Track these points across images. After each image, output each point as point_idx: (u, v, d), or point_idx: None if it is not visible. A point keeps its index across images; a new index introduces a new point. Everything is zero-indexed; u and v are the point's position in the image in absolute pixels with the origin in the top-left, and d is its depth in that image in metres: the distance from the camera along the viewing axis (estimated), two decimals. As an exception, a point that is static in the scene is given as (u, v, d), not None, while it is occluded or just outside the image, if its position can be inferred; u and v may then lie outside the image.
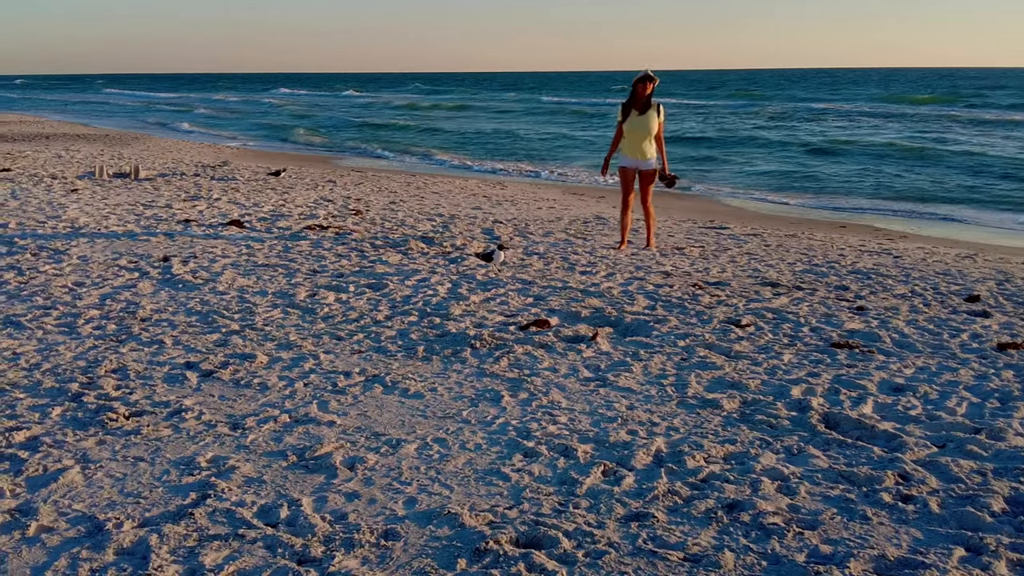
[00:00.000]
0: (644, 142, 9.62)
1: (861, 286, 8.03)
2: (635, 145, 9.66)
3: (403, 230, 10.78)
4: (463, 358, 5.79)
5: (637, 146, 9.65)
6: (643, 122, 9.59)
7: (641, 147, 9.64)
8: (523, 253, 9.41)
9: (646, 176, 9.77)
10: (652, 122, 9.59)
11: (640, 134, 9.60)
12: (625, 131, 9.70)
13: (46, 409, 4.86)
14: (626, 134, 9.70)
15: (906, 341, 6.21)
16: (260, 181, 16.03)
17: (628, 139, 9.70)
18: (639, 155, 9.68)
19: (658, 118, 9.62)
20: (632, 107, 9.65)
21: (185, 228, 10.50)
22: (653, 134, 9.63)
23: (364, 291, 7.57)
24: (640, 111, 9.60)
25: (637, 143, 9.64)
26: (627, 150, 9.75)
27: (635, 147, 9.66)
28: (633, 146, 9.67)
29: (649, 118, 9.59)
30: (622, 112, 9.76)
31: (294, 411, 4.84)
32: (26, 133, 29.17)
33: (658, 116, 9.62)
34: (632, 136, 9.65)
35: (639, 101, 9.59)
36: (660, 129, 9.69)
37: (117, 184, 14.90)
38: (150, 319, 6.63)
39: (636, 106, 9.61)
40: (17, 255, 8.79)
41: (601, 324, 6.63)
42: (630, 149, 9.71)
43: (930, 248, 10.95)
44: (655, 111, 9.61)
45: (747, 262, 9.20)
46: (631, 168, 9.78)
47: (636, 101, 9.60)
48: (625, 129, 9.70)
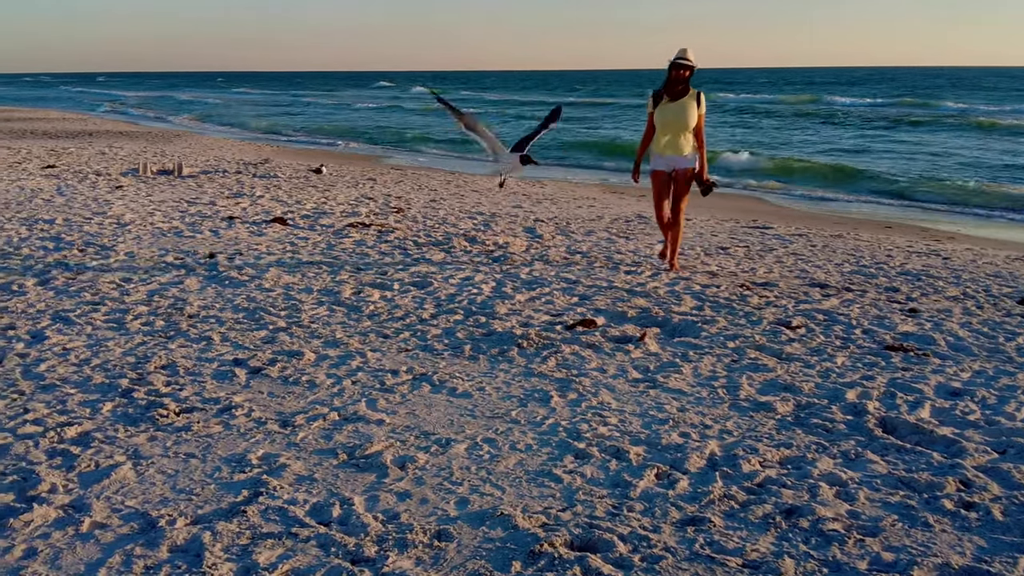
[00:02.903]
0: (680, 136, 8.17)
1: (912, 288, 7.91)
2: (668, 140, 8.22)
3: (445, 228, 10.77)
4: (510, 357, 5.75)
5: (671, 141, 8.20)
6: (678, 112, 8.14)
7: (676, 142, 8.19)
8: (566, 252, 9.35)
9: (681, 176, 8.30)
10: (689, 112, 8.12)
11: (675, 126, 8.16)
12: (657, 123, 8.26)
13: (97, 405, 4.88)
14: (657, 125, 8.26)
15: (961, 344, 6.09)
16: (301, 178, 16.09)
17: (660, 133, 8.26)
18: (673, 150, 8.23)
19: (698, 109, 8.16)
20: (665, 91, 8.20)
21: (229, 225, 10.55)
22: (691, 127, 8.16)
23: (409, 289, 7.55)
24: (673, 98, 8.17)
25: (671, 137, 8.20)
26: (659, 146, 8.31)
27: (669, 142, 8.22)
28: (666, 141, 8.23)
29: (686, 107, 8.13)
30: (653, 101, 8.33)
31: (343, 409, 4.82)
32: (69, 130, 29.52)
33: (698, 106, 8.16)
34: (665, 129, 8.21)
35: (674, 87, 8.13)
36: (700, 122, 8.23)
37: (161, 181, 15.01)
38: (198, 315, 6.65)
39: (669, 93, 8.16)
40: (64, 251, 8.86)
41: (648, 324, 6.56)
42: (662, 144, 8.27)
43: (979, 249, 10.76)
44: (694, 100, 8.15)
45: (794, 263, 9.09)
46: (665, 171, 8.31)
47: (670, 87, 8.14)
48: (657, 119, 8.25)
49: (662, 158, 8.31)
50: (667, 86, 8.17)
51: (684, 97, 8.16)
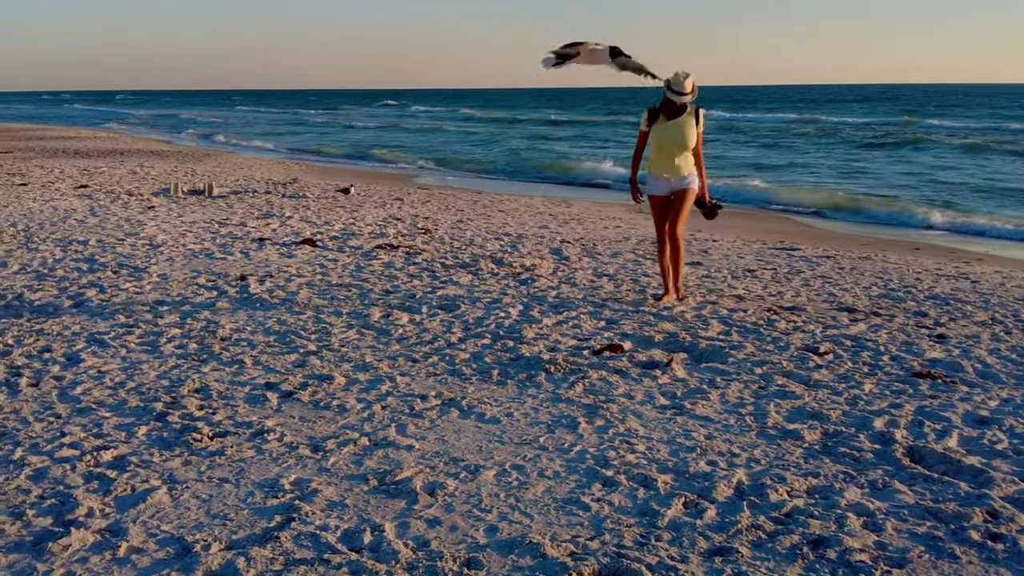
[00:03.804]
0: (677, 156, 7.66)
1: (940, 312, 7.89)
2: (665, 160, 7.70)
3: (472, 250, 10.84)
4: (538, 383, 5.80)
5: (669, 162, 7.68)
6: (676, 131, 7.61)
7: (674, 164, 7.67)
8: (593, 274, 9.39)
9: (680, 196, 7.78)
10: (688, 131, 7.62)
11: (673, 146, 7.64)
12: (652, 141, 7.74)
13: (132, 428, 4.97)
14: (653, 145, 7.74)
15: (989, 371, 6.08)
16: (329, 199, 16.24)
17: (656, 152, 7.74)
18: (671, 172, 7.71)
19: (696, 127, 7.66)
20: (661, 110, 7.66)
21: (260, 246, 10.67)
22: (690, 147, 7.67)
23: (437, 313, 7.62)
24: (670, 116, 7.63)
25: (668, 157, 7.68)
26: (656, 167, 7.77)
27: (665, 162, 7.70)
28: (662, 161, 7.71)
29: (684, 126, 7.61)
30: (648, 118, 7.78)
31: (373, 434, 4.89)
32: (101, 149, 29.90)
33: (696, 124, 7.67)
34: (661, 148, 7.69)
35: (672, 105, 7.59)
36: (699, 141, 7.74)
37: (192, 201, 15.20)
38: (230, 338, 6.75)
39: (666, 109, 7.62)
40: (98, 272, 9.00)
41: (675, 349, 6.59)
42: (660, 165, 7.74)
43: (1008, 272, 10.71)
44: (692, 117, 7.65)
45: (821, 286, 9.09)
46: (663, 195, 7.84)
47: (668, 104, 7.60)
48: (652, 139, 7.73)
49: (659, 181, 7.81)
50: (663, 106, 7.65)
51: (682, 115, 7.64)
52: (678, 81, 7.47)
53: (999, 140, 36.83)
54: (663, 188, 7.83)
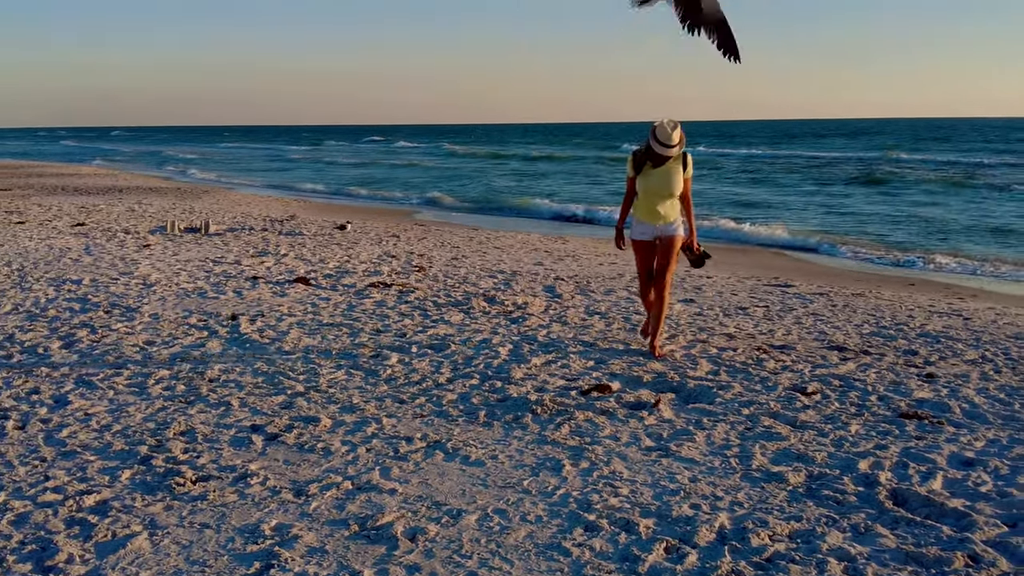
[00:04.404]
0: (664, 203, 7.43)
1: (930, 351, 7.89)
2: (651, 207, 7.47)
3: (465, 287, 10.86)
4: (524, 424, 5.79)
5: (655, 209, 7.45)
6: (662, 177, 7.38)
7: (660, 210, 7.44)
8: (584, 312, 9.40)
9: (666, 244, 7.53)
10: (675, 178, 7.38)
11: (659, 193, 7.41)
12: (639, 188, 7.51)
13: (116, 472, 4.97)
14: (640, 192, 7.51)
15: (976, 411, 6.08)
16: (326, 236, 16.28)
17: (642, 198, 7.52)
18: (656, 219, 7.48)
19: (683, 172, 7.43)
20: (648, 157, 7.41)
21: (253, 285, 10.69)
22: (676, 193, 7.44)
23: (426, 352, 7.62)
24: (657, 163, 7.37)
25: (653, 204, 7.45)
26: (641, 213, 7.56)
27: (651, 209, 7.47)
28: (648, 208, 7.49)
29: (671, 172, 7.37)
30: (633, 163, 7.51)
31: (356, 478, 4.88)
32: (100, 186, 30.02)
33: (683, 170, 7.43)
34: (647, 195, 7.46)
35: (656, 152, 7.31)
36: (687, 187, 7.53)
37: (188, 239, 15.25)
38: (218, 379, 6.75)
39: (652, 156, 7.36)
40: (91, 312, 9.01)
41: (663, 390, 6.59)
42: (645, 212, 7.52)
43: (1001, 308, 10.71)
44: (679, 163, 7.40)
45: (813, 323, 9.09)
46: (647, 240, 7.59)
47: (652, 151, 7.33)
48: (639, 185, 7.50)
49: (644, 226, 7.56)
50: (649, 152, 7.36)
51: (668, 160, 7.36)
52: (665, 133, 7.18)
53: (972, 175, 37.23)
54: (648, 233, 7.56)
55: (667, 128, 7.19)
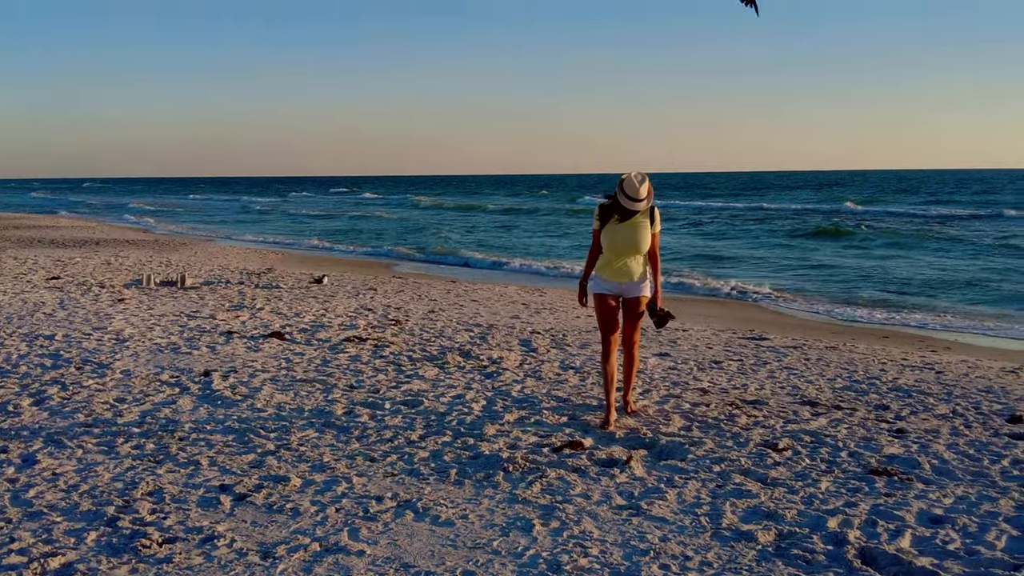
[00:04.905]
0: (629, 259, 7.16)
1: (901, 405, 7.93)
2: (616, 263, 7.19)
3: (441, 341, 10.85)
4: (495, 482, 5.77)
5: (620, 265, 7.18)
6: (629, 233, 7.10)
7: (625, 266, 7.17)
8: (559, 367, 9.41)
9: (631, 306, 7.27)
10: (642, 234, 7.10)
11: (625, 249, 7.13)
12: (604, 242, 7.21)
13: (82, 534, 4.92)
14: (605, 246, 7.21)
15: (946, 468, 6.10)
16: (302, 289, 16.27)
17: (608, 254, 7.22)
18: (623, 276, 7.19)
19: (651, 227, 7.15)
20: (614, 211, 7.14)
21: (227, 340, 10.65)
22: (643, 249, 7.15)
23: (399, 409, 7.60)
24: (623, 217, 7.09)
25: (619, 260, 7.17)
26: (606, 270, 7.25)
27: (616, 265, 7.19)
28: (613, 265, 7.20)
29: (637, 227, 7.09)
30: (599, 216, 7.26)
31: (324, 539, 4.84)
32: (77, 238, 29.94)
33: (651, 225, 7.15)
34: (614, 251, 7.17)
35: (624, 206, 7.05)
36: (655, 243, 7.22)
37: (163, 293, 15.20)
38: (188, 438, 6.70)
39: (619, 210, 7.09)
40: (62, 368, 8.96)
41: (636, 446, 6.59)
42: (609, 269, 7.22)
43: (974, 361, 10.79)
44: (647, 217, 7.12)
45: (786, 377, 9.13)
46: (612, 295, 7.27)
47: (620, 205, 7.07)
48: (604, 240, 7.20)
49: (609, 283, 7.25)
50: (616, 206, 7.11)
51: (636, 214, 7.11)
52: (632, 186, 6.96)
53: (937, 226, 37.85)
54: (612, 289, 7.24)
55: (635, 181, 6.97)
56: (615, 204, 7.11)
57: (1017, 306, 17.19)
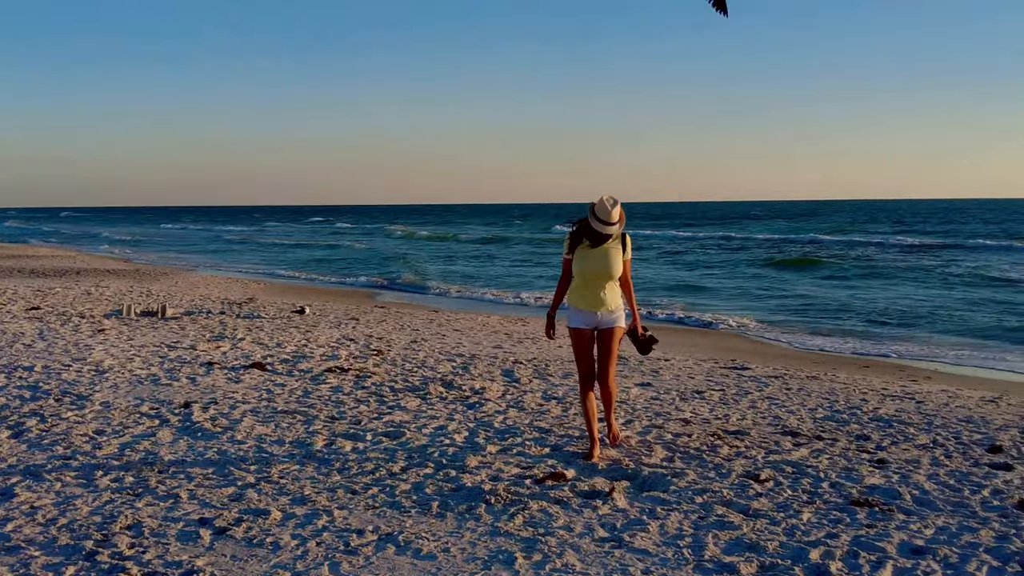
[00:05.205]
0: (602, 287, 6.91)
1: (882, 435, 7.96)
2: (589, 291, 6.93)
3: (423, 372, 10.84)
4: (477, 515, 5.75)
5: (592, 293, 6.92)
6: (601, 259, 6.86)
7: (599, 295, 6.91)
8: (542, 398, 9.40)
9: (606, 337, 7.01)
10: (614, 259, 6.88)
11: (597, 276, 6.88)
12: (575, 270, 6.96)
13: (60, 568, 4.87)
14: (576, 275, 6.97)
15: (926, 498, 6.12)
16: (284, 319, 16.22)
17: (579, 282, 6.98)
18: (596, 305, 6.92)
19: (623, 253, 6.96)
20: (585, 237, 6.93)
21: (208, 371, 10.60)
22: (615, 276, 6.93)
23: (381, 440, 7.58)
24: (595, 242, 6.87)
25: (592, 288, 6.92)
26: (579, 299, 6.99)
27: (589, 294, 6.93)
28: (586, 293, 6.94)
29: (609, 253, 6.87)
30: (569, 243, 7.02)
31: (305, 573, 4.81)
32: (58, 268, 29.80)
33: (623, 250, 6.96)
34: (585, 279, 6.93)
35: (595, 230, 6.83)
36: (627, 269, 7.02)
37: (144, 323, 15.12)
38: (167, 471, 6.66)
39: (590, 235, 6.87)
40: (41, 400, 8.89)
41: (618, 477, 6.58)
42: (582, 298, 6.96)
43: (954, 391, 10.85)
44: (619, 243, 6.93)
45: (768, 407, 9.15)
46: (587, 328, 7.02)
47: (590, 229, 6.85)
48: (575, 267, 6.95)
49: (583, 314, 7.00)
50: (586, 231, 6.90)
51: (608, 240, 6.91)
52: (604, 210, 6.75)
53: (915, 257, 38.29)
54: (587, 321, 7.00)
55: (606, 205, 6.75)
56: (585, 230, 6.89)
57: (994, 335, 17.32)
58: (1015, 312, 20.56)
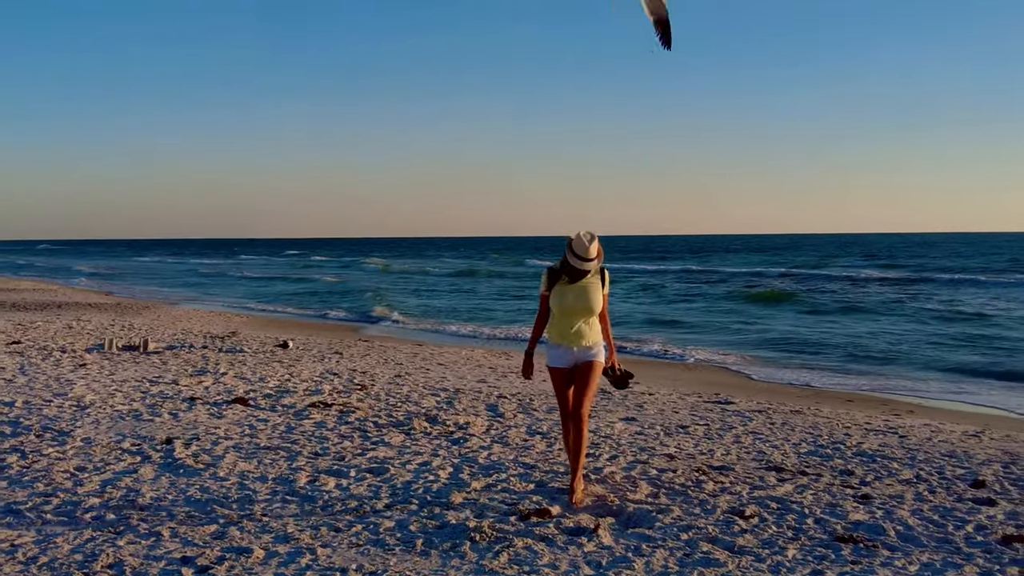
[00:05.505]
0: (580, 321, 6.82)
1: (866, 471, 7.97)
2: (566, 327, 6.82)
3: (407, 406, 10.80)
4: (462, 552, 5.72)
5: (570, 329, 6.81)
6: (579, 294, 6.78)
7: (577, 331, 6.81)
8: (526, 432, 9.39)
9: (584, 370, 6.84)
10: (593, 295, 6.79)
11: (575, 312, 6.79)
12: (553, 306, 6.86)
13: (38, 610, 4.81)
14: (554, 311, 6.87)
15: (910, 534, 6.13)
16: (267, 353, 16.16)
17: (557, 318, 6.87)
18: (573, 341, 6.81)
19: (601, 289, 6.88)
20: (563, 273, 6.85)
21: (190, 406, 10.53)
22: (594, 311, 6.83)
23: (365, 476, 7.54)
24: (573, 278, 6.80)
25: (570, 324, 6.82)
26: (557, 335, 6.88)
27: (567, 330, 6.82)
28: (564, 329, 6.84)
29: (588, 289, 6.80)
30: (547, 280, 6.95)
31: (289, 613, 4.77)
32: (39, 302, 29.63)
33: (601, 286, 6.88)
34: (562, 314, 6.82)
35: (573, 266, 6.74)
36: (605, 304, 6.94)
37: (126, 358, 15.03)
38: (149, 507, 6.60)
39: (569, 271, 6.79)
40: (21, 436, 8.81)
41: (603, 514, 6.56)
42: (561, 334, 6.85)
43: (936, 425, 10.90)
44: (598, 278, 6.86)
45: (752, 442, 9.16)
46: (565, 367, 6.88)
47: (569, 266, 6.76)
48: (553, 303, 6.85)
49: (559, 349, 6.87)
50: (565, 267, 6.81)
51: (586, 276, 6.82)
52: (582, 246, 6.68)
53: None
54: (565, 359, 6.87)
55: (584, 241, 6.68)
56: (563, 266, 6.81)
57: (972, 370, 17.46)
58: (991, 347, 20.76)
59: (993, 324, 25.66)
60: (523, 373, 7.12)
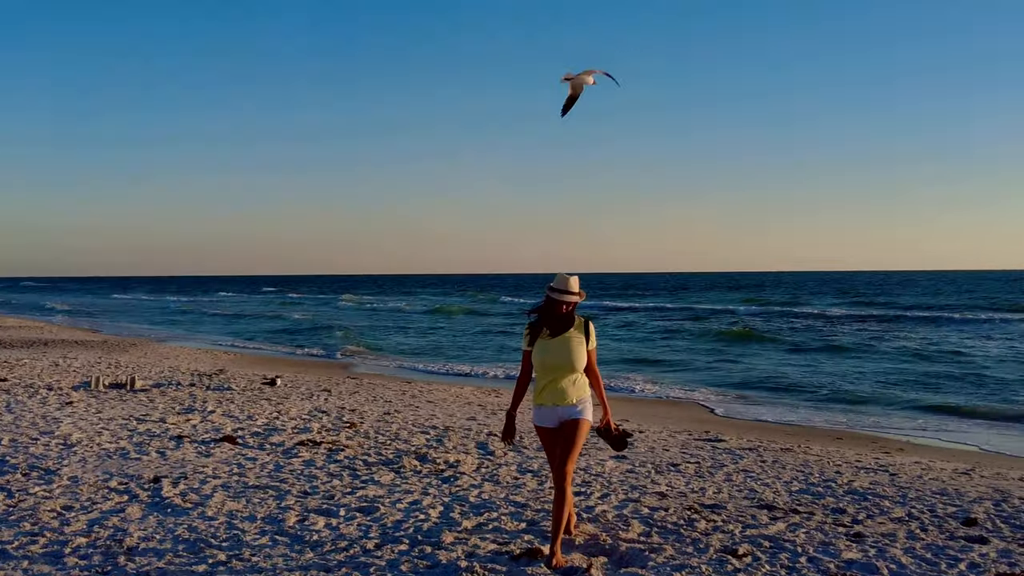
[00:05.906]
0: (565, 380, 6.25)
1: (858, 509, 7.95)
2: (550, 385, 6.27)
3: (396, 444, 10.74)
4: (454, 593, 5.67)
5: (554, 387, 6.26)
6: (561, 349, 6.24)
7: (560, 388, 6.24)
8: (517, 471, 9.34)
9: (569, 429, 6.24)
10: (576, 350, 6.24)
11: (558, 368, 6.24)
12: (535, 363, 6.32)
13: (23, 652, 4.73)
14: (536, 368, 6.33)
15: (904, 572, 6.10)
16: (255, 391, 16.08)
17: (541, 376, 6.32)
18: (559, 399, 6.25)
19: (586, 343, 6.32)
20: (544, 325, 6.33)
21: (178, 445, 10.45)
22: (578, 367, 6.26)
23: (355, 515, 7.47)
24: (554, 332, 6.30)
25: (553, 382, 6.26)
26: (540, 395, 6.35)
27: (550, 388, 6.27)
28: (547, 386, 6.28)
29: (571, 343, 6.26)
30: (529, 334, 6.41)
31: (279, 655, 4.71)
32: (26, 339, 29.46)
33: (586, 340, 6.32)
34: (545, 371, 6.28)
35: (554, 317, 6.27)
36: (592, 359, 6.37)
37: (112, 396, 14.93)
38: (136, 548, 6.52)
39: (550, 323, 6.31)
40: (8, 475, 8.72)
41: (595, 553, 6.52)
42: (544, 392, 6.30)
43: (926, 463, 10.90)
44: (581, 332, 6.31)
45: (743, 480, 9.14)
46: (551, 427, 6.36)
47: (550, 317, 6.30)
48: (535, 360, 6.31)
49: (543, 409, 6.34)
50: (546, 317, 6.33)
51: (569, 330, 6.32)
52: (562, 280, 6.26)
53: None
54: (550, 418, 6.33)
55: (564, 276, 6.28)
56: (544, 318, 6.33)
57: (958, 407, 17.49)
58: (976, 384, 20.84)
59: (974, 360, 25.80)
60: (503, 437, 6.61)
